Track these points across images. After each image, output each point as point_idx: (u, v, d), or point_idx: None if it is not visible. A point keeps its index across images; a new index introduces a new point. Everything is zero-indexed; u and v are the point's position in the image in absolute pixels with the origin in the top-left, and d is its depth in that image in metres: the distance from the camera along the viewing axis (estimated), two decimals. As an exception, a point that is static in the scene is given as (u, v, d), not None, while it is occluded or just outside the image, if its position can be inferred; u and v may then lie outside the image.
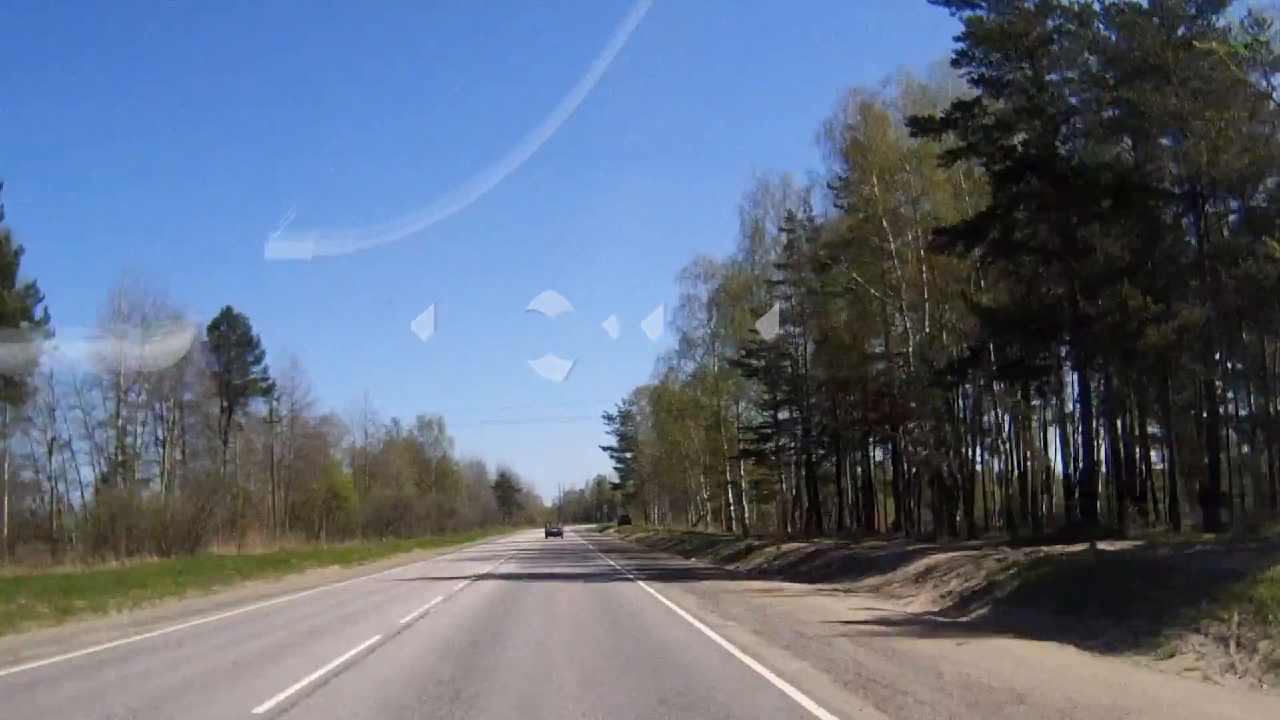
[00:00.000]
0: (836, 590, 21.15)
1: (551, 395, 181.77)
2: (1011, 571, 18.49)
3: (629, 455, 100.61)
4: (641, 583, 24.04)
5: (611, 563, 35.93)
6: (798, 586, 22.61)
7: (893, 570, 22.98)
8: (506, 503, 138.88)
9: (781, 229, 50.27)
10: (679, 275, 60.93)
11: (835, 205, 46.15)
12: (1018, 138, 30.16)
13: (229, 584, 30.08)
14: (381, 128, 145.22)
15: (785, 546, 34.03)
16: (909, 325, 41.61)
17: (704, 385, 63.70)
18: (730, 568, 33.48)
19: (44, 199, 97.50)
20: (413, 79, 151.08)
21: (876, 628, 14.32)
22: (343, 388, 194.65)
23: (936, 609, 17.91)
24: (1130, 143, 29.79)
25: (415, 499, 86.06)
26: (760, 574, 29.59)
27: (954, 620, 16.13)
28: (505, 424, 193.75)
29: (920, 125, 30.89)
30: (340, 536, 68.84)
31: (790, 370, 48.39)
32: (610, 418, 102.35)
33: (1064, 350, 31.05)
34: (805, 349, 48.45)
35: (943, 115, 30.13)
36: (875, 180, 41.72)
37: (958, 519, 40.39)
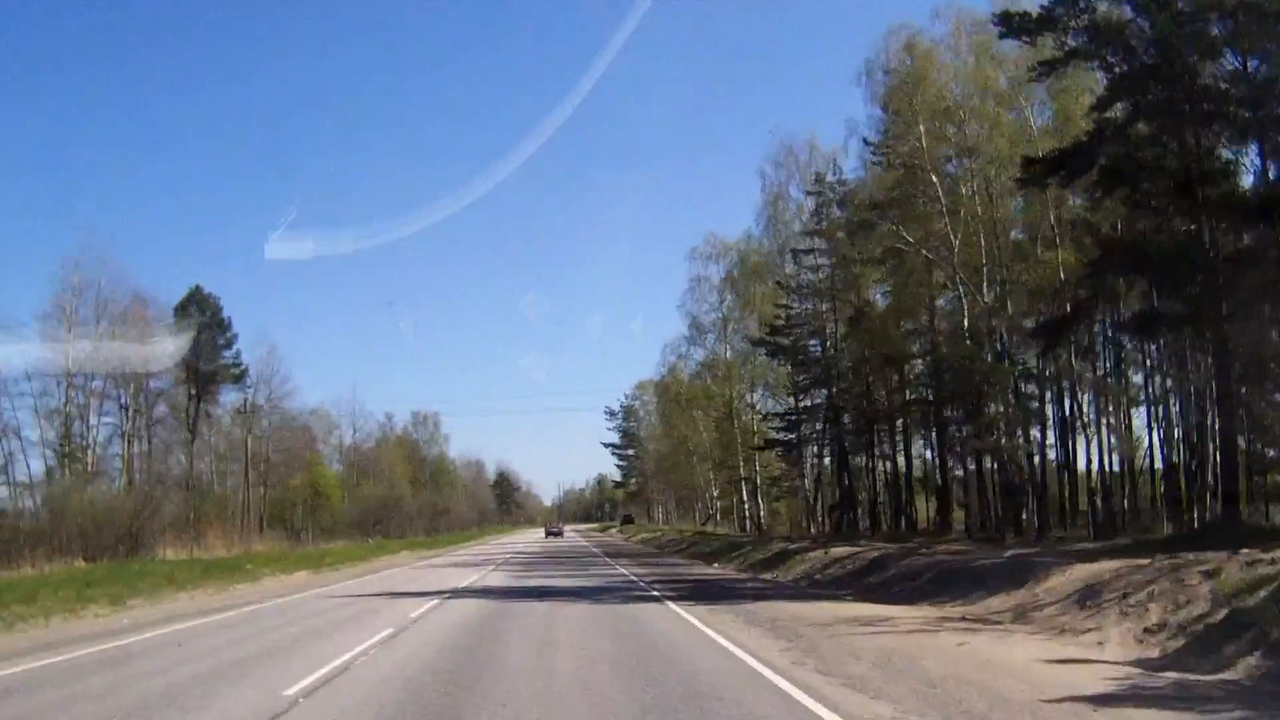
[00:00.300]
0: (967, 620, 14.02)
1: (551, 391, 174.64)
2: (1262, 595, 11.54)
3: (632, 452, 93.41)
4: (672, 604, 16.91)
5: (623, 570, 28.74)
6: (898, 611, 15.48)
7: (1021, 587, 15.95)
8: (505, 502, 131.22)
9: (809, 193, 43.29)
10: (688, 256, 54.17)
11: (874, 161, 39.24)
12: (1134, 40, 23.43)
13: (154, 597, 23.14)
14: (381, 128, 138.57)
15: (835, 550, 26.91)
16: (962, 292, 34.64)
17: (715, 373, 56.70)
18: (768, 577, 26.40)
19: (40, 197, 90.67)
20: (413, 79, 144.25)
21: (1161, 715, 7.31)
22: (338, 385, 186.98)
23: (1158, 655, 10.93)
24: (1241, 60, 23.06)
25: (408, 497, 78.80)
26: (814, 586, 22.52)
27: (1234, 683, 9.16)
28: (503, 414, 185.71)
29: (1011, 24, 23.94)
30: (327, 537, 61.63)
31: (820, 349, 41.33)
32: (612, 413, 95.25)
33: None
34: (836, 326, 41.38)
35: (1041, 8, 23.26)
36: (922, 129, 35.10)
37: (1023, 517, 33.48)
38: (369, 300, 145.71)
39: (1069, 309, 25.04)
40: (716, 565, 32.77)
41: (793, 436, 43.72)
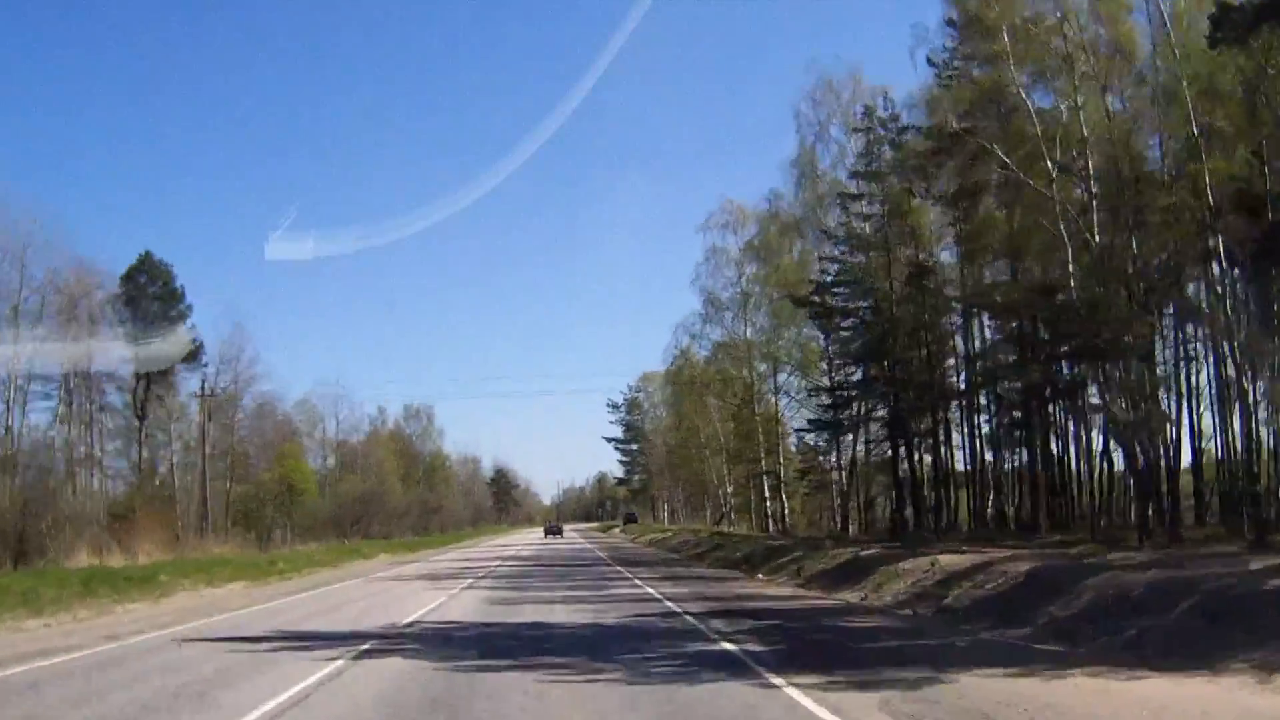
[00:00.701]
0: None
1: (548, 374, 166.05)
2: None
3: (635, 447, 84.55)
4: (783, 682, 8.15)
5: (647, 588, 19.85)
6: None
7: None
8: (503, 500, 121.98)
9: (856, 130, 34.80)
10: (702, 225, 45.79)
11: (943, 84, 30.85)
12: None
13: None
14: (382, 128, 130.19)
15: (944, 560, 18.27)
16: (1064, 232, 26.30)
17: (734, 355, 48.10)
18: (853, 598, 17.79)
19: (40, 196, 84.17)
20: (414, 78, 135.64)
21: None
22: (327, 376, 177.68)
23: None
24: None
25: (397, 494, 69.93)
26: (957, 619, 13.96)
27: None
28: (499, 397, 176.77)
29: None
30: (302, 537, 52.73)
31: (874, 312, 32.69)
32: (615, 406, 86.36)
33: None
34: (891, 284, 32.78)
35: None
36: (1007, 41, 27.26)
37: (1148, 515, 24.99)
38: (368, 299, 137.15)
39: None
40: (762, 577, 24.12)
41: (843, 416, 34.88)
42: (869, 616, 14.27)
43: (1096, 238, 25.54)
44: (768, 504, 47.68)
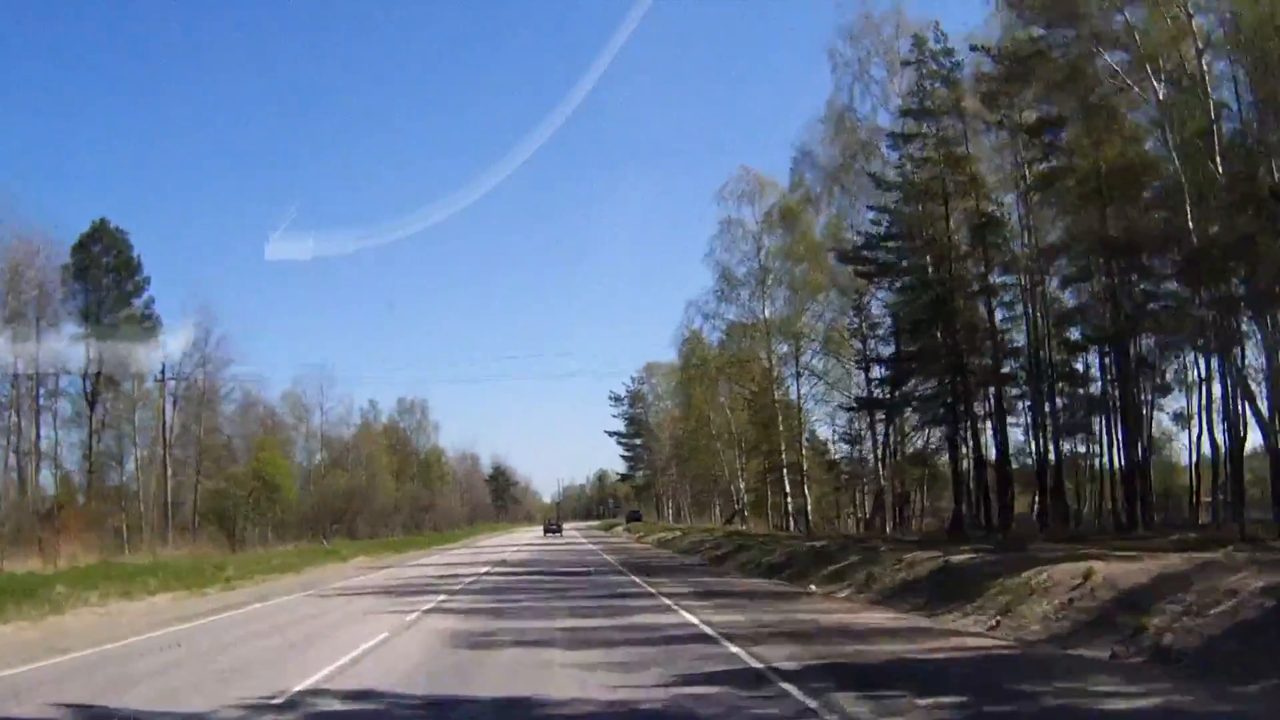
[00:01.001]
0: None
1: (551, 381, 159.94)
2: None
3: (639, 441, 78.45)
4: None
5: (687, 616, 13.55)
6: None
7: None
8: (501, 497, 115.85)
9: (905, 63, 29.01)
10: (717, 196, 40.13)
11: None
12: None
13: None
14: (382, 128, 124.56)
15: (1104, 571, 12.42)
16: (1178, 166, 20.70)
17: (751, 335, 42.25)
18: (978, 626, 12.02)
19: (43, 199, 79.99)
20: (414, 78, 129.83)
21: None
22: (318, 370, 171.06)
23: None
24: None
25: (390, 490, 64.03)
26: (1167, 662, 8.11)
27: None
28: (494, 379, 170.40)
29: None
30: (280, 538, 46.85)
31: (934, 270, 26.81)
32: (618, 398, 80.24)
33: None
34: (949, 239, 26.90)
35: None
36: None
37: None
38: (367, 299, 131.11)
39: None
40: (816, 589, 18.26)
41: (895, 394, 28.93)
42: (1088, 679, 8.36)
43: (1220, 167, 19.85)
44: (788, 500, 41.82)
